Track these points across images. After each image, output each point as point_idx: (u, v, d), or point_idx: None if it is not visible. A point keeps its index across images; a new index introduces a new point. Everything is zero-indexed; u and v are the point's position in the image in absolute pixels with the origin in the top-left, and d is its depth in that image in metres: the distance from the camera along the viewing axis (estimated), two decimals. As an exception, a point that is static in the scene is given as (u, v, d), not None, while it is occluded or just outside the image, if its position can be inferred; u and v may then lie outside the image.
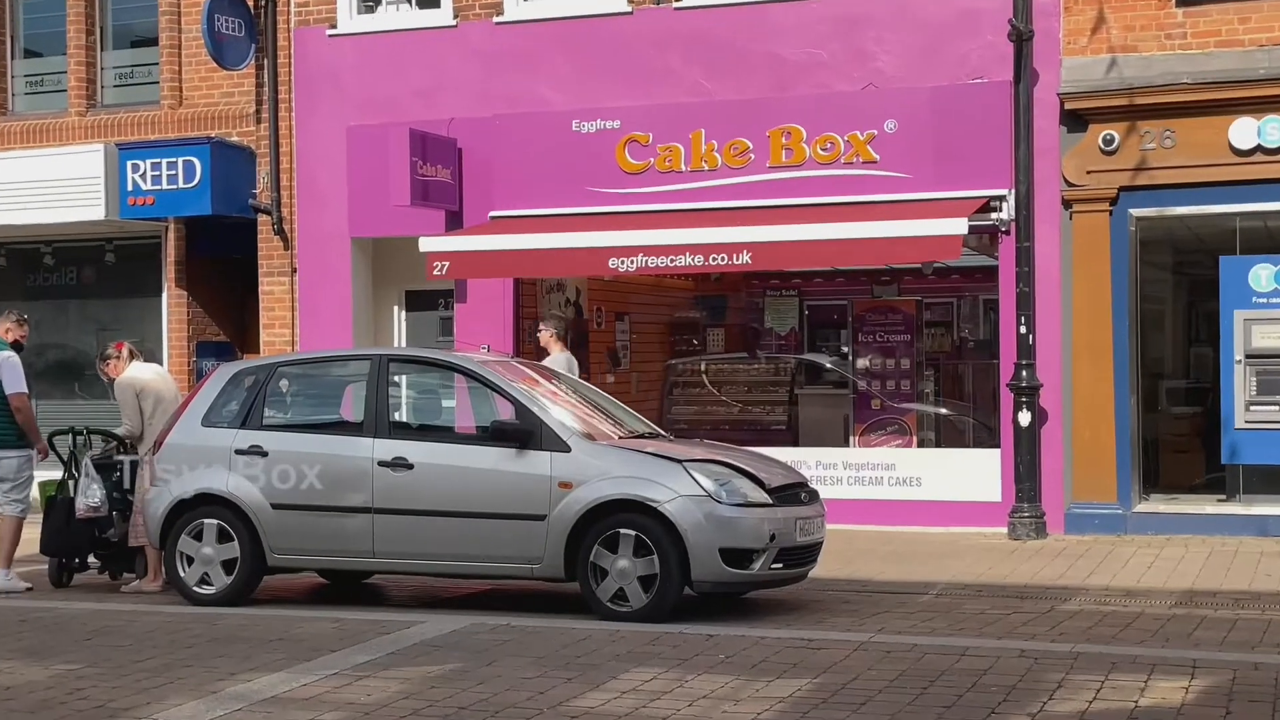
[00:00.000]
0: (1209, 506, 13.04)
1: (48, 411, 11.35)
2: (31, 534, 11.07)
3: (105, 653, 7.96)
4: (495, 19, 14.63)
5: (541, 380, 10.23)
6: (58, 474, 11.26)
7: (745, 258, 12.96)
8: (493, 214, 14.43)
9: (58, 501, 11.06)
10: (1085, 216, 12.94)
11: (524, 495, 9.15)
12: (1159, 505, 13.12)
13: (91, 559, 11.15)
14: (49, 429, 11.51)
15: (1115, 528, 12.71)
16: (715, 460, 9.31)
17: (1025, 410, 12.74)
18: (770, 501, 9.11)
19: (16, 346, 11.05)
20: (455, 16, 14.78)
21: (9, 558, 10.77)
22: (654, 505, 8.85)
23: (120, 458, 11.11)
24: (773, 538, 8.98)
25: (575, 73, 14.33)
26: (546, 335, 12.73)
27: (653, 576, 8.82)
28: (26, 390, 10.89)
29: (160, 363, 14.73)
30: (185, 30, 15.75)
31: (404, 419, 10.21)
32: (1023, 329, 12.78)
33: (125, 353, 11.41)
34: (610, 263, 13.48)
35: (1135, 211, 12.89)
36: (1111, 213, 12.88)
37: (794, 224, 13.03)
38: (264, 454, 9.82)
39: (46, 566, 11.08)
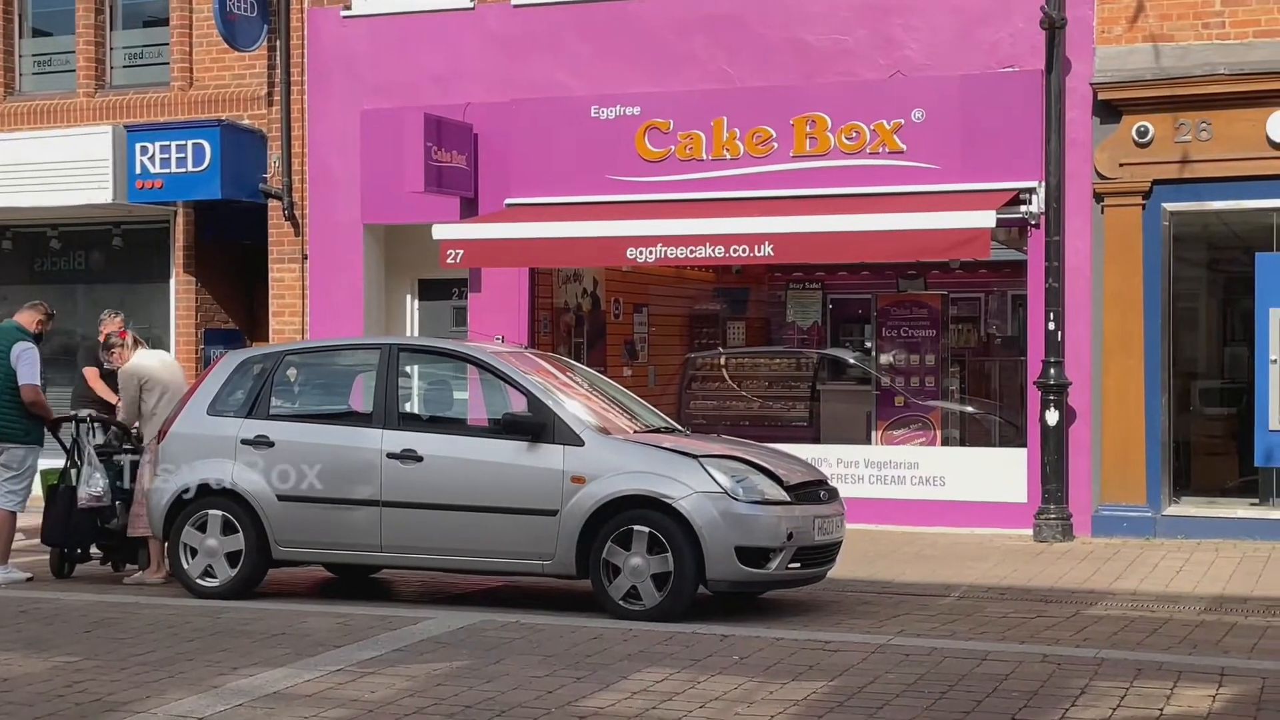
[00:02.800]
0: (1241, 510, 12.98)
1: (51, 397, 11.37)
2: (32, 523, 11.15)
3: (106, 645, 7.99)
4: (513, 1, 14.62)
5: (556, 372, 10.22)
6: (60, 463, 11.30)
7: (767, 249, 12.94)
8: (508, 201, 14.43)
9: (60, 490, 11.09)
10: (1117, 210, 12.88)
11: (536, 490, 9.15)
12: (1190, 508, 13.04)
13: (94, 549, 11.19)
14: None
15: (1144, 531, 12.66)
16: (732, 456, 9.30)
17: (1053, 409, 12.70)
18: (788, 499, 9.10)
19: (36, 338, 11.11)
20: (472, -2, 14.80)
21: (5, 553, 10.82)
22: (669, 502, 8.84)
23: (125, 448, 11.17)
24: (790, 536, 8.97)
25: (595, 57, 14.31)
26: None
27: (667, 575, 8.81)
28: (38, 383, 10.94)
29: (167, 349, 14.79)
30: (196, 10, 15.80)
31: (414, 410, 10.20)
32: (1051, 325, 12.73)
33: (130, 340, 11.45)
34: (629, 253, 13.47)
35: (1169, 206, 12.83)
36: (1144, 207, 12.82)
37: (817, 215, 12.98)
38: (270, 444, 9.84)
39: (48, 557, 11.14)
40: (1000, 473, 13.41)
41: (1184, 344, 13.70)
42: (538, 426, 9.28)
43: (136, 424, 11.09)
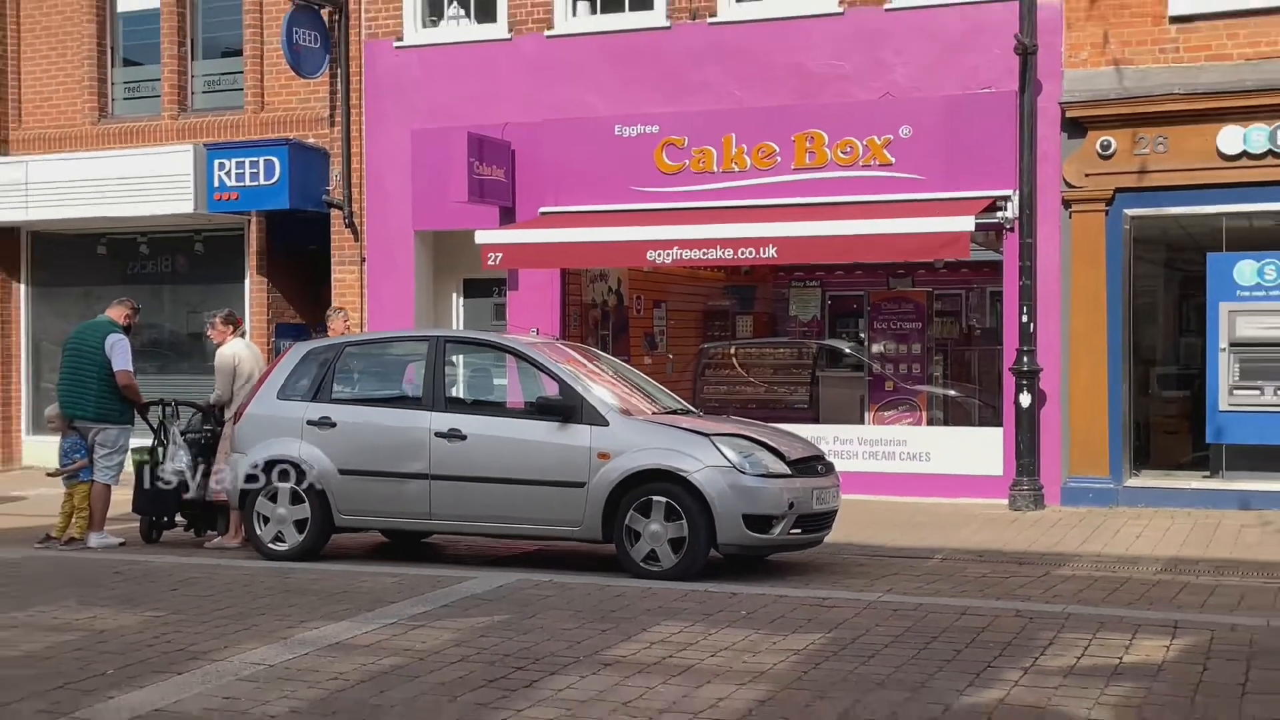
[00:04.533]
0: (1194, 482, 12.93)
1: (141, 385, 11.42)
2: (124, 495, 11.21)
3: (189, 601, 8.05)
4: (546, 33, 14.62)
5: (584, 361, 10.23)
6: (149, 441, 11.37)
7: (771, 252, 12.93)
8: (542, 210, 14.43)
9: (147, 465, 11.17)
10: (1083, 216, 12.83)
11: (566, 464, 9.17)
12: (1148, 480, 13.01)
13: (178, 518, 11.24)
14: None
15: (1107, 501, 12.63)
16: (740, 434, 9.30)
17: (1026, 392, 12.67)
18: (790, 473, 9.10)
19: (126, 330, 11.18)
20: (510, 30, 14.78)
21: (102, 521, 10.90)
22: (684, 475, 8.85)
23: (206, 428, 11.22)
24: (791, 505, 8.97)
25: (618, 82, 14.31)
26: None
27: (682, 539, 8.84)
28: (131, 369, 11.01)
29: (246, 339, 14.84)
30: (267, 42, 15.84)
31: (459, 394, 10.24)
32: (1025, 318, 12.70)
33: (222, 327, 11.51)
34: (648, 255, 13.46)
35: (1130, 211, 12.78)
36: (1108, 213, 12.77)
37: (816, 221, 12.95)
38: (333, 425, 9.87)
39: (138, 524, 11.22)
40: (979, 449, 13.38)
41: (1143, 334, 13.66)
42: (568, 409, 9.30)
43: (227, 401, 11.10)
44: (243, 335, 12.10)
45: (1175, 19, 12.51)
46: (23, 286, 17.53)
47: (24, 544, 10.78)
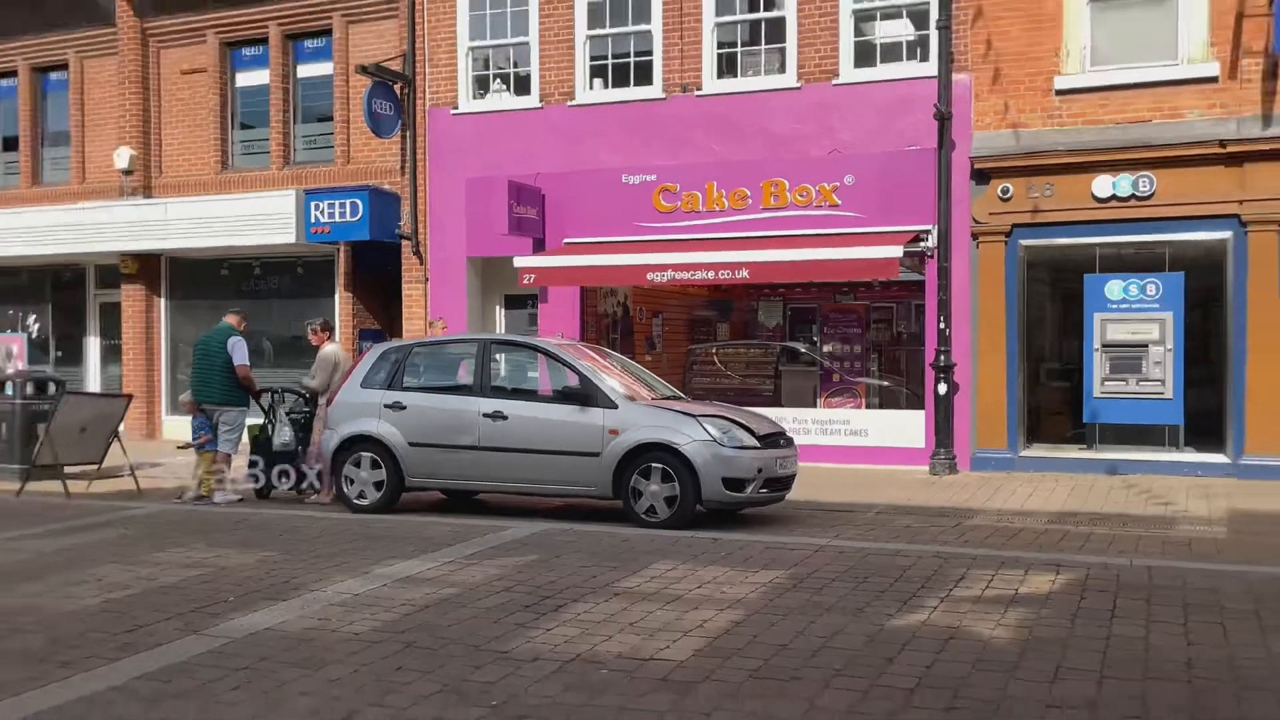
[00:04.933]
0: (1074, 453, 12.92)
1: (254, 376, 11.44)
2: (241, 462, 11.24)
3: (292, 544, 8.10)
4: (569, 103, 14.61)
5: (599, 358, 10.22)
6: (261, 420, 11.40)
7: (744, 273, 12.93)
8: (566, 240, 14.43)
9: (260, 439, 11.20)
10: (988, 245, 12.82)
11: (585, 439, 9.18)
12: (1038, 452, 13.00)
13: (285, 480, 11.20)
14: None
15: (1006, 467, 12.64)
16: (720, 415, 9.30)
17: (943, 383, 12.67)
18: (759, 445, 9.10)
19: (240, 333, 11.19)
20: (541, 101, 14.76)
21: (226, 481, 10.92)
22: (676, 447, 8.86)
23: (305, 409, 11.24)
24: (760, 471, 8.98)
25: (625, 141, 14.30)
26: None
27: (674, 497, 8.85)
28: (249, 363, 11.03)
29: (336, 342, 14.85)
30: (352, 110, 15.84)
31: (501, 384, 10.22)
32: (942, 325, 12.70)
33: (323, 332, 11.56)
34: (648, 276, 13.45)
35: (1024, 242, 12.78)
36: (1006, 243, 12.76)
37: (779, 249, 12.95)
38: (403, 408, 9.89)
39: (254, 484, 11.21)
40: (906, 427, 13.38)
41: (1034, 338, 13.66)
42: (586, 395, 9.31)
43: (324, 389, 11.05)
44: (335, 339, 12.11)
45: (1060, 92, 12.51)
46: (163, 300, 17.55)
47: (163, 500, 10.81)
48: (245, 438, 11.22)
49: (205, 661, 5.04)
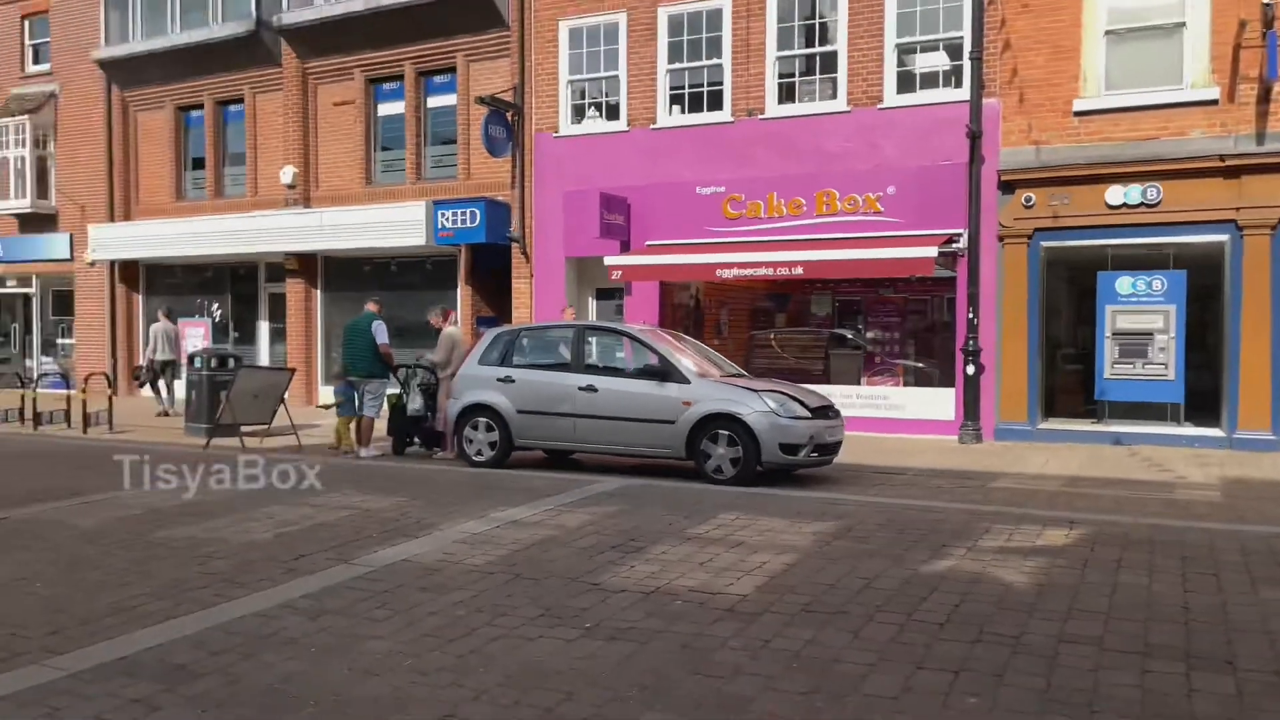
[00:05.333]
0: (1086, 426, 12.51)
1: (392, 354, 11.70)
2: (382, 425, 11.48)
3: (423, 492, 8.23)
4: (651, 126, 14.56)
5: (675, 342, 10.21)
6: (397, 390, 11.62)
7: (799, 270, 12.78)
8: (648, 243, 14.40)
9: (396, 405, 11.43)
10: (1012, 247, 12.46)
11: (663, 409, 9.19)
12: (1054, 425, 12.63)
13: (416, 440, 11.47)
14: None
15: (1026, 438, 12.31)
16: (778, 390, 9.23)
17: (971, 365, 12.38)
18: (810, 416, 9.02)
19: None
20: (628, 125, 14.74)
21: (369, 441, 11.16)
22: (740, 416, 8.82)
23: (433, 381, 11.43)
24: (811, 438, 8.90)
25: (698, 158, 14.20)
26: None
27: (738, 459, 8.81)
28: (389, 342, 11.25)
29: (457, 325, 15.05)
30: (472, 135, 15.99)
31: (593, 362, 10.27)
32: (971, 315, 12.41)
33: (450, 317, 11.75)
34: (717, 272, 13.37)
35: (1044, 244, 12.38)
36: (1029, 245, 12.39)
37: (829, 249, 12.77)
38: (513, 382, 10.00)
39: (391, 443, 11.46)
40: (938, 402, 13.11)
41: (1052, 326, 13.23)
42: (664, 373, 9.31)
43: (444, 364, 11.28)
44: (455, 324, 12.30)
45: (1078, 113, 12.08)
46: (318, 292, 17.98)
47: (320, 454, 11.09)
48: (385, 405, 11.46)
49: (353, 585, 5.18)
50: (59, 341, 21.12)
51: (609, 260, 13.94)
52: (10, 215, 20.66)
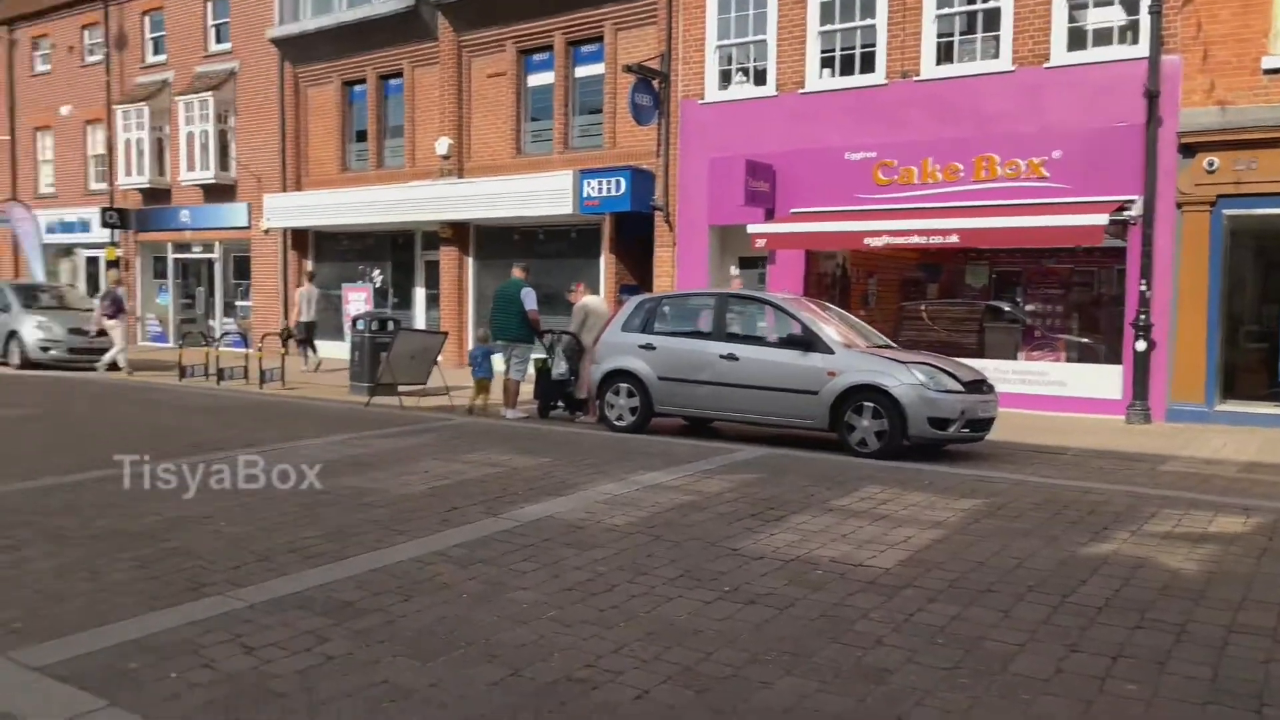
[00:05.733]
0: (1266, 408, 11.56)
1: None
2: (527, 388, 11.83)
3: (566, 454, 8.42)
4: (800, 91, 14.28)
5: (819, 311, 10.06)
6: (543, 355, 11.94)
7: (953, 238, 12.32)
8: (793, 210, 14.19)
9: (541, 370, 11.74)
10: (1192, 215, 11.57)
11: (806, 379, 9.09)
12: (1232, 406, 11.73)
13: (561, 404, 11.76)
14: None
15: (1200, 420, 11.49)
16: (927, 363, 8.97)
17: (1142, 340, 11.64)
18: (962, 390, 8.74)
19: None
20: (776, 89, 14.51)
21: (514, 403, 11.51)
22: (886, 388, 8.63)
23: (576, 348, 11.68)
24: (962, 412, 8.62)
25: (848, 122, 13.84)
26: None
27: (883, 431, 8.64)
28: (537, 309, 11.57)
29: (599, 295, 15.31)
30: (619, 104, 16.13)
31: (734, 331, 10.23)
32: (1143, 288, 11.66)
33: (583, 289, 12.00)
34: (865, 241, 13.03)
35: (1227, 212, 11.45)
36: (1210, 212, 11.48)
37: (987, 217, 12.23)
38: (654, 349, 10.11)
39: (537, 406, 11.77)
40: (1102, 380, 12.41)
41: (1233, 301, 12.27)
42: (807, 342, 9.20)
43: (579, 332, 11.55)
44: (594, 294, 12.53)
45: (1268, 71, 11.08)
46: (470, 259, 18.63)
47: (466, 414, 11.55)
48: (530, 369, 11.81)
49: (501, 538, 5.41)
50: (238, 304, 22.79)
51: (753, 228, 13.82)
52: (196, 185, 22.36)
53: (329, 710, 3.15)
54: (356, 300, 19.85)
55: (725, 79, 15.22)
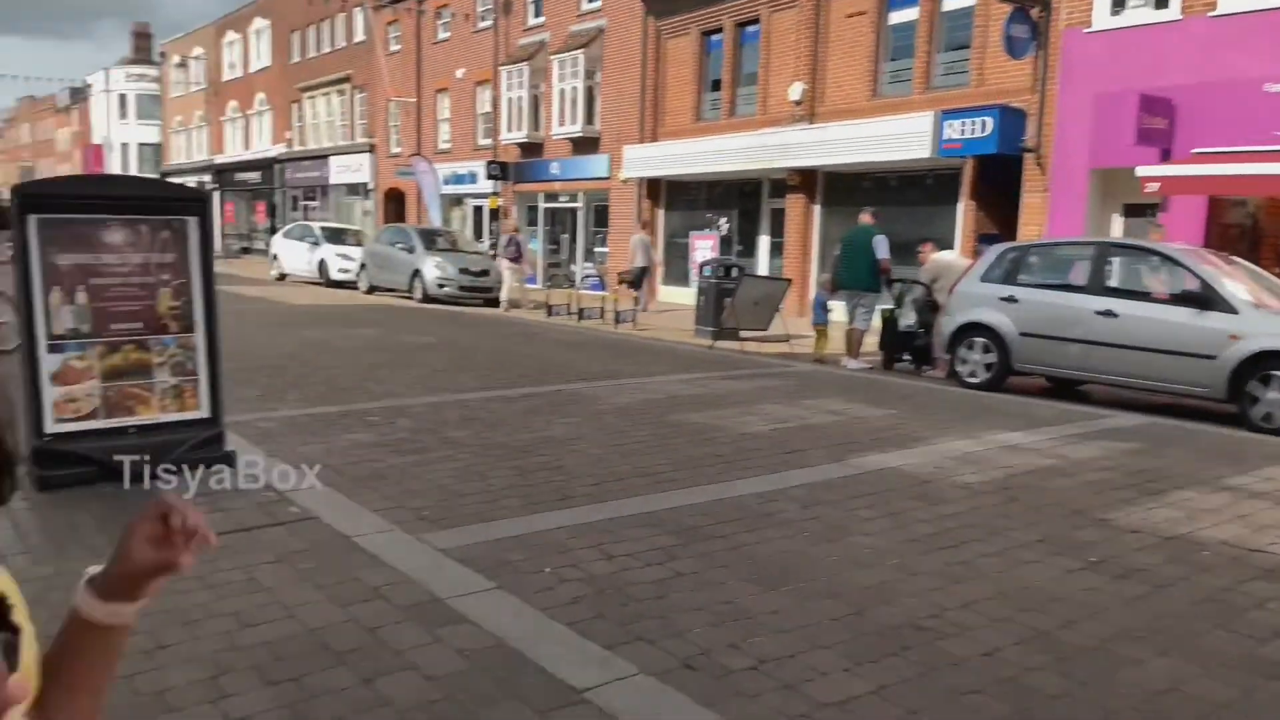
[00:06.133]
0: None
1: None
2: (871, 339, 11.64)
3: (912, 408, 8.25)
4: (1210, 14, 12.36)
5: (1222, 264, 8.78)
6: (890, 305, 11.67)
7: None
8: (1194, 150, 12.40)
9: (888, 320, 11.49)
10: None
11: (1200, 341, 8.06)
12: None
13: (907, 356, 11.47)
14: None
15: None
16: (1366, 330, 7.52)
17: None
18: None
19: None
20: (1181, 12, 12.68)
21: (857, 352, 11.39)
22: (1306, 357, 7.38)
23: (929, 300, 11.27)
24: None
25: (1271, 49, 11.75)
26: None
27: (1299, 408, 7.41)
28: (889, 257, 11.33)
29: (952, 248, 14.54)
30: (989, 37, 15.06)
31: (1114, 284, 9.25)
32: None
33: (930, 248, 11.56)
34: (1289, 185, 11.11)
35: None
36: None
37: None
38: (1016, 301, 9.48)
39: (881, 357, 11.58)
40: None
41: None
42: (1205, 299, 8.12)
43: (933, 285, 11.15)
44: (947, 249, 11.98)
45: None
46: (817, 206, 18.55)
47: (810, 362, 11.65)
48: (876, 319, 11.59)
49: (843, 484, 5.43)
50: (596, 250, 24.64)
51: (1143, 170, 12.30)
52: (566, 139, 24.34)
53: (680, 619, 3.41)
54: (703, 248, 20.57)
55: (1118, 3, 13.58)
